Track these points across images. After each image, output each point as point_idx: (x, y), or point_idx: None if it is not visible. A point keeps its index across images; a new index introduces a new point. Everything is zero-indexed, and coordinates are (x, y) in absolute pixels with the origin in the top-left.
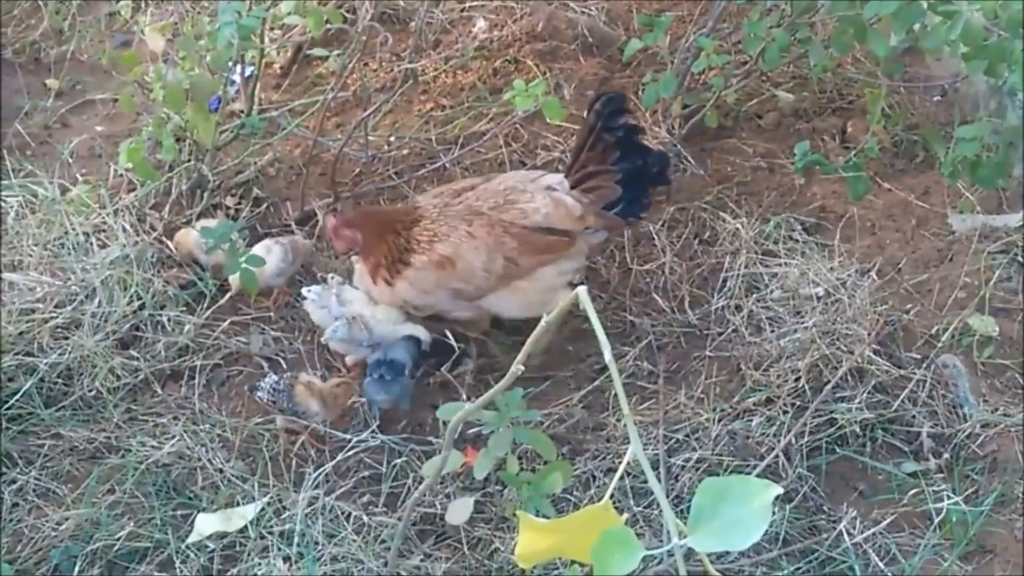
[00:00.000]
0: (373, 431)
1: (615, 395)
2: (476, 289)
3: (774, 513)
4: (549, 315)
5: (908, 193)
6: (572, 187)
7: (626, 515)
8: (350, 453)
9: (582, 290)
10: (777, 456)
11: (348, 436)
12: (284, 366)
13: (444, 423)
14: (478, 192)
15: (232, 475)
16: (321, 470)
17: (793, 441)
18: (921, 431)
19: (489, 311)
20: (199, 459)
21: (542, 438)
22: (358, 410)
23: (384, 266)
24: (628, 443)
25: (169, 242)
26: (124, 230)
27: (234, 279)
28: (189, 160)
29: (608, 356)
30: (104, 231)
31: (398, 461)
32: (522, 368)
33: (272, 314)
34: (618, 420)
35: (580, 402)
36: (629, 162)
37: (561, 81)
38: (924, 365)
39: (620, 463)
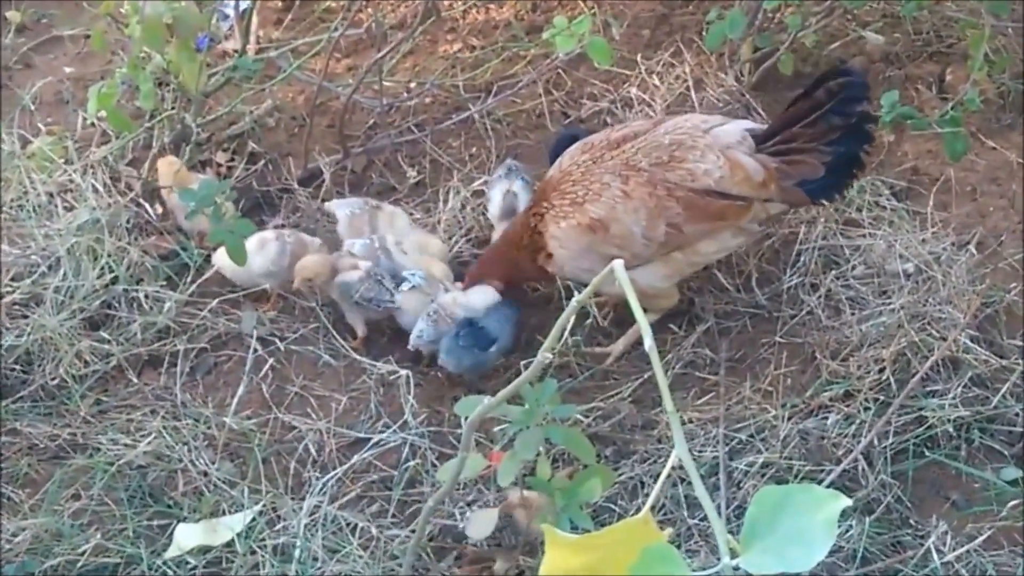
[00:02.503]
0: (387, 425)
1: (671, 386)
2: (633, 257)
3: (851, 527)
4: (581, 293)
5: (1015, 152)
6: (762, 150)
7: (675, 529)
8: (367, 454)
9: (618, 263)
10: (856, 460)
11: (357, 432)
12: (281, 350)
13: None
14: (638, 143)
15: (218, 479)
16: (329, 475)
17: (875, 442)
18: None
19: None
20: (180, 460)
21: (579, 438)
22: (368, 400)
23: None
24: (686, 442)
25: (148, 205)
26: (94, 190)
27: (219, 257)
28: (172, 108)
29: (649, 342)
30: (71, 191)
31: (407, 467)
32: (550, 356)
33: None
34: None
35: (628, 396)
36: (847, 147)
37: (610, 19)
38: None
39: (672, 467)
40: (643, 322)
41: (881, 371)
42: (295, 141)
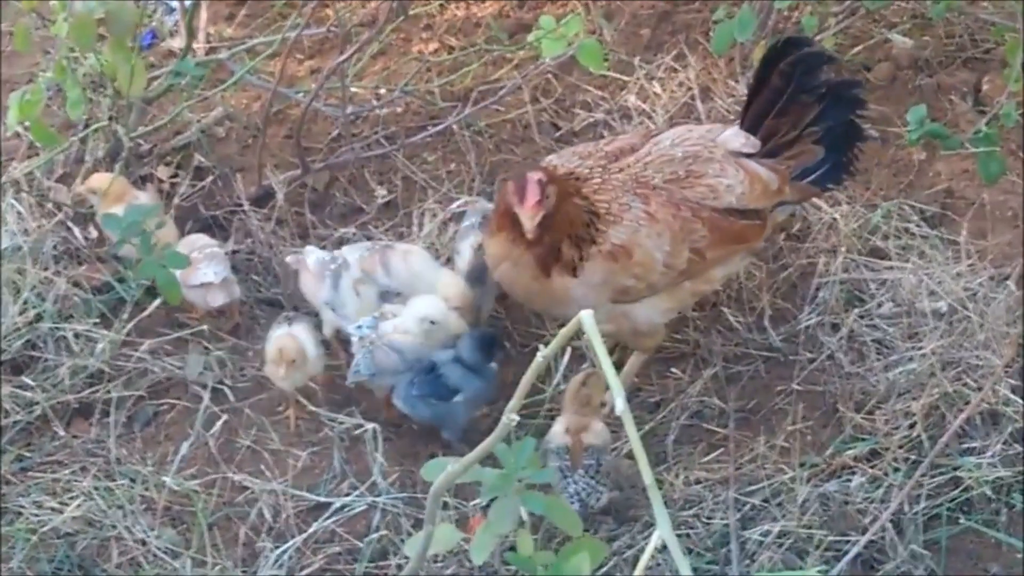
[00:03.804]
0: (353, 487)
1: (675, 440)
2: (648, 288)
3: None
4: (546, 348)
5: None
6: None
7: None
8: (329, 521)
9: (586, 314)
10: (884, 528)
11: (321, 498)
12: (231, 398)
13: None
14: (644, 157)
15: (158, 548)
16: (286, 545)
17: (905, 507)
18: None
19: (626, 320)
20: (114, 526)
21: (561, 506)
22: (331, 456)
23: (571, 246)
24: (689, 506)
25: (76, 229)
26: (17, 212)
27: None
28: (108, 117)
29: (621, 405)
30: None
31: (375, 536)
32: (516, 418)
33: (218, 322)
34: (676, 476)
35: (627, 450)
36: (834, 118)
37: (600, 20)
38: None
39: (677, 534)
40: (616, 386)
41: (911, 426)
42: (248, 153)
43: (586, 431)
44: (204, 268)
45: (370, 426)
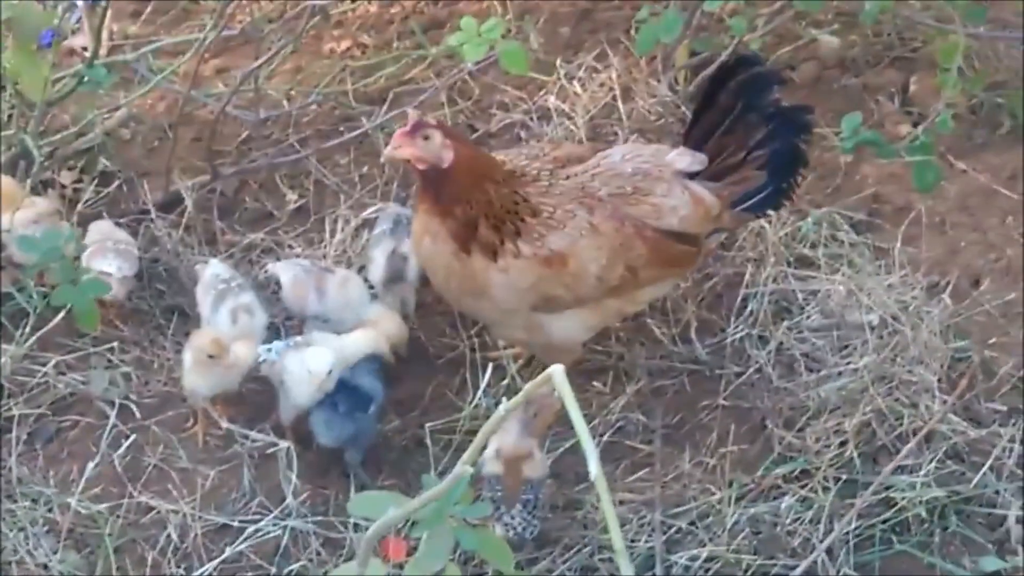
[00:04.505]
0: (265, 513)
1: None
2: (575, 301)
3: None
4: (509, 401)
5: (990, 177)
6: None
7: None
8: (240, 545)
9: (557, 369)
10: (815, 552)
11: (230, 520)
12: (137, 415)
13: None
14: (592, 168)
15: (61, 573)
16: (196, 573)
17: (836, 530)
18: (1008, 514)
19: (542, 331)
20: (15, 551)
21: (494, 543)
22: (240, 475)
23: (488, 227)
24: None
25: None
26: None
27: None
28: (10, 119)
29: (595, 469)
30: None
31: (294, 566)
32: (470, 469)
33: (124, 335)
34: (599, 496)
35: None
36: (781, 142)
37: (528, 26)
38: (1012, 422)
39: (600, 559)
40: (590, 449)
41: (843, 444)
42: (155, 157)
43: (526, 461)
44: (111, 259)
45: (284, 444)
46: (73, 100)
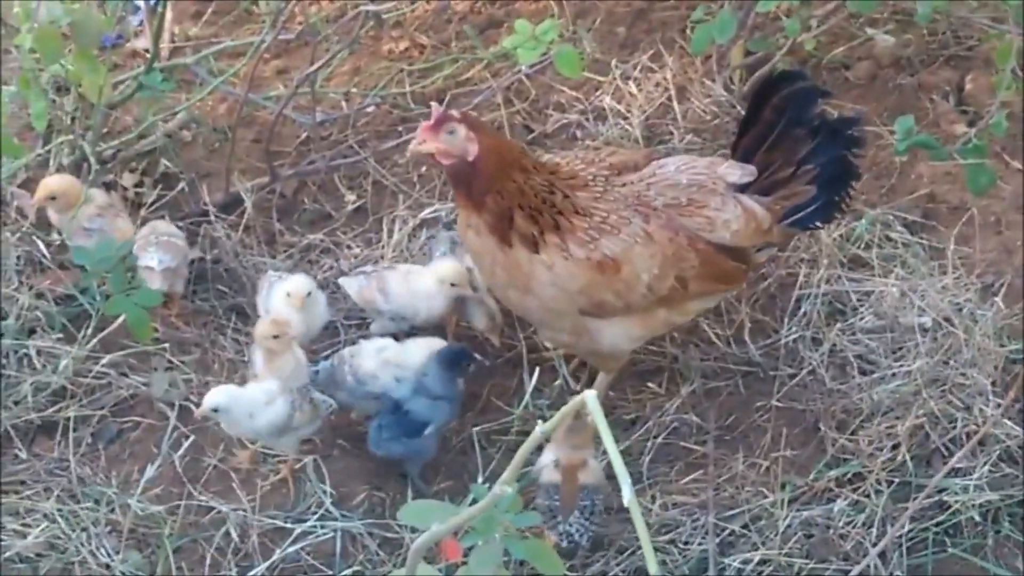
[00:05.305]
0: (324, 515)
1: (651, 460)
2: (623, 307)
3: None
4: (545, 424)
5: None
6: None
7: None
8: (298, 545)
9: (590, 394)
10: (867, 556)
11: (286, 523)
12: (197, 416)
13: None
14: (647, 177)
15: (123, 573)
16: (254, 571)
17: (888, 533)
18: None
19: (589, 336)
20: (77, 551)
21: (544, 551)
22: (299, 476)
23: (524, 217)
24: (666, 531)
25: (40, 242)
26: None
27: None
28: (71, 120)
29: (628, 495)
30: None
31: (344, 562)
32: (508, 489)
33: (184, 336)
34: (653, 499)
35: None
36: (829, 154)
37: (582, 32)
38: None
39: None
40: (623, 474)
41: (895, 447)
42: (214, 158)
43: (583, 469)
44: (152, 253)
45: (338, 444)
46: (135, 102)
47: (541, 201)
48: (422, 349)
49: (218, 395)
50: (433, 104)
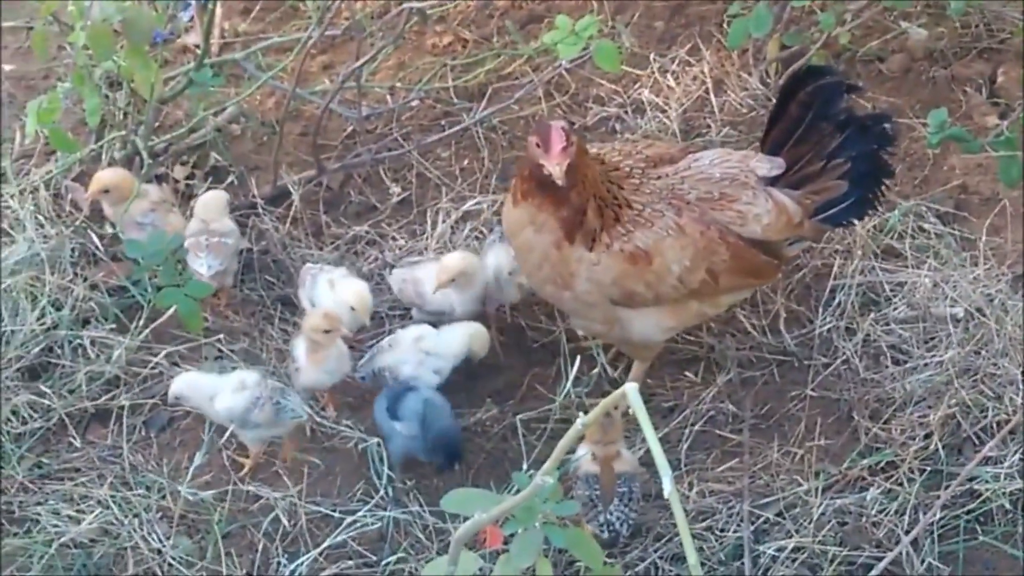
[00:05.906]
0: (375, 502)
1: (689, 447)
2: (654, 299)
3: None
4: (586, 416)
5: None
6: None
7: None
8: (346, 532)
9: (631, 387)
10: (899, 540)
11: (332, 511)
12: None
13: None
14: (682, 170)
15: (173, 559)
16: (301, 559)
17: (921, 521)
18: None
19: (621, 326)
20: (130, 536)
21: (583, 540)
22: (345, 464)
23: (594, 210)
24: (703, 518)
25: (94, 235)
26: (35, 217)
27: None
28: (123, 115)
29: (668, 487)
30: (6, 219)
31: (390, 548)
32: (549, 480)
33: (233, 325)
34: (690, 487)
35: (637, 455)
36: (858, 148)
37: (606, 22)
38: None
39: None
40: (663, 466)
41: (927, 436)
42: (263, 152)
43: (617, 459)
44: (201, 259)
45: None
46: (186, 97)
47: (606, 191)
48: (459, 337)
49: (178, 383)
50: (552, 124)
